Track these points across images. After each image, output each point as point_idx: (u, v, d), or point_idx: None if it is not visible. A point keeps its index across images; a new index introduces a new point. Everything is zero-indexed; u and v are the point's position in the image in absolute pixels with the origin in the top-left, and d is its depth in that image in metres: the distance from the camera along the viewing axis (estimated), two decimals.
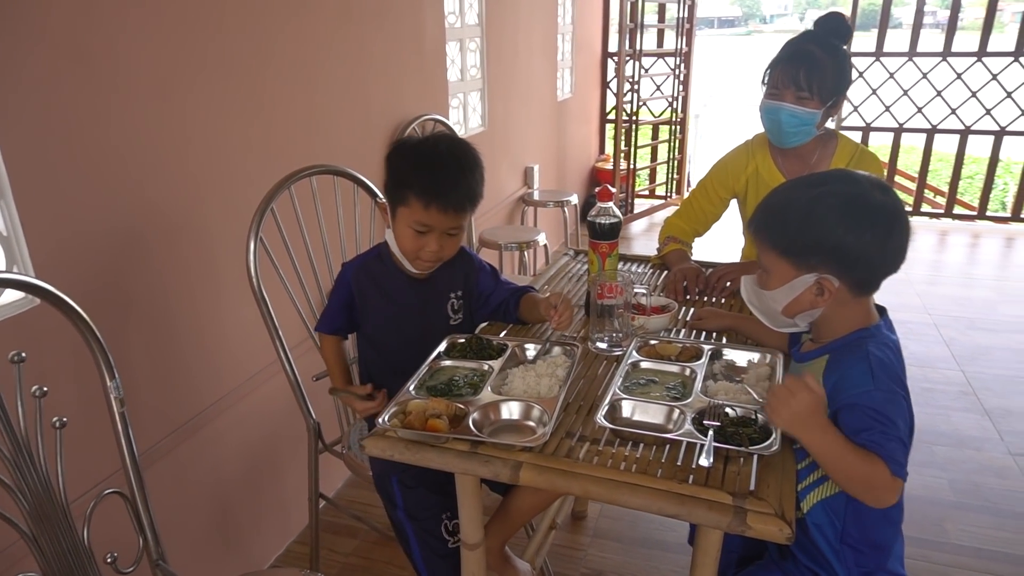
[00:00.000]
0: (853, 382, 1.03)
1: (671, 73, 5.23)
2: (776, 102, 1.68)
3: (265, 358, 1.91)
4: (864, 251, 1.02)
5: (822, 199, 1.03)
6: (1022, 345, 3.26)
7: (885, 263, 1.04)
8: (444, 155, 1.34)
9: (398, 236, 1.38)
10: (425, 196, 1.30)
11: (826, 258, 1.04)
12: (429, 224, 1.33)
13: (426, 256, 1.37)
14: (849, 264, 1.03)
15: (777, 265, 1.08)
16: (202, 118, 1.65)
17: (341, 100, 2.19)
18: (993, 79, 4.66)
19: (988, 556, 2.00)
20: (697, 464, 1.02)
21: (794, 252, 1.06)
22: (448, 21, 2.91)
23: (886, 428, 0.98)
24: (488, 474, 1.08)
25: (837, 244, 1.02)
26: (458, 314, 1.51)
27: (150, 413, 1.59)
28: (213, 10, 1.64)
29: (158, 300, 1.59)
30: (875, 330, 1.07)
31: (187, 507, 1.72)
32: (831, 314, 1.07)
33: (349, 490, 2.31)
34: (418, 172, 1.32)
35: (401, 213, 1.35)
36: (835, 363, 1.07)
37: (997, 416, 2.68)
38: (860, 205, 1.02)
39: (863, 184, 1.04)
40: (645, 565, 1.98)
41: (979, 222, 5.12)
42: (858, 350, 1.05)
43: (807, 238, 1.04)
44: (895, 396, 1.01)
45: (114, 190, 1.45)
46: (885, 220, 1.02)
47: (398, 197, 1.34)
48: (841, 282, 1.04)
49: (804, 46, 1.67)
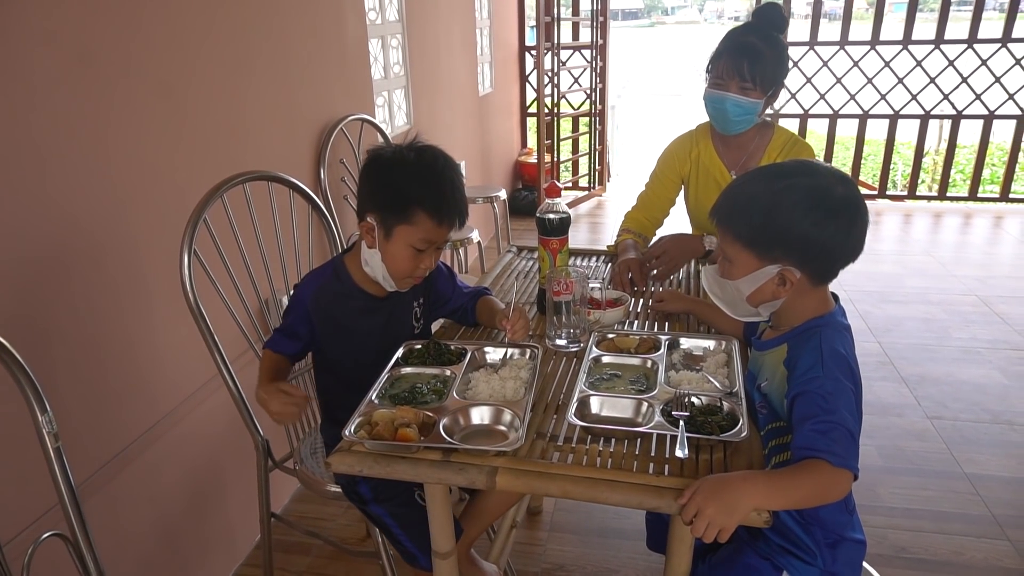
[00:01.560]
0: (803, 369, 1.06)
1: (588, 66, 5.30)
2: (721, 92, 1.74)
3: (202, 376, 1.82)
4: (827, 243, 1.05)
5: (787, 192, 1.05)
6: (927, 314, 3.49)
7: (846, 254, 1.08)
8: (444, 169, 1.31)
9: (392, 256, 1.30)
10: (438, 214, 1.26)
11: (789, 250, 1.06)
12: (435, 241, 1.29)
13: (421, 274, 1.33)
14: (812, 256, 1.06)
15: (740, 255, 1.10)
16: (123, 128, 1.54)
17: (266, 103, 2.10)
18: (918, 65, 4.95)
19: (917, 515, 2.13)
20: (672, 455, 1.04)
21: (758, 243, 1.08)
22: (369, 18, 2.84)
23: (828, 418, 0.99)
24: (463, 482, 1.06)
25: (801, 236, 1.05)
26: (420, 321, 1.49)
27: (82, 445, 1.48)
28: (129, 15, 1.54)
29: (84, 324, 1.48)
30: (830, 318, 1.11)
31: (128, 542, 1.62)
32: (790, 303, 1.10)
33: (297, 505, 2.24)
34: (427, 188, 1.27)
35: (401, 232, 1.28)
36: (793, 350, 1.10)
37: (913, 383, 2.85)
38: (824, 198, 1.05)
39: (826, 177, 1.07)
40: (604, 555, 2.00)
41: (880, 201, 5.45)
42: (812, 339, 1.08)
43: (772, 230, 1.06)
44: (840, 385, 1.03)
45: (28, 209, 1.34)
46: (848, 212, 1.05)
47: (400, 215, 1.27)
48: (802, 273, 1.07)
49: (746, 38, 1.72)
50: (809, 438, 0.99)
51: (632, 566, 1.96)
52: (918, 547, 2.00)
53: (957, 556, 1.97)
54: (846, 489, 0.99)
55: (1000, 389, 2.80)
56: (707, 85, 1.79)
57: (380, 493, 1.41)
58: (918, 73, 4.97)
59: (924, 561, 1.95)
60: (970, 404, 2.70)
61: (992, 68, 4.83)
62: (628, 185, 6.12)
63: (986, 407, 2.67)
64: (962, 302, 3.62)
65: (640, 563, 1.96)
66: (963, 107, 5.03)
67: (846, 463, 0.97)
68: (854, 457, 0.99)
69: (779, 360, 1.11)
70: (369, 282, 1.40)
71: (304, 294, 1.39)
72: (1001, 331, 3.27)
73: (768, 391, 1.15)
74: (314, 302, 1.38)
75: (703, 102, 1.81)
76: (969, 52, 4.87)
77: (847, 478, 0.97)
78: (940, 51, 4.90)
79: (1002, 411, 2.65)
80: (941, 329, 3.33)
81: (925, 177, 6.30)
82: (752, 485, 0.95)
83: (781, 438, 1.14)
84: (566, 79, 5.28)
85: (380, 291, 1.41)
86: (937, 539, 2.03)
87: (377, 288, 1.40)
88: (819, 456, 0.97)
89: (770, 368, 1.15)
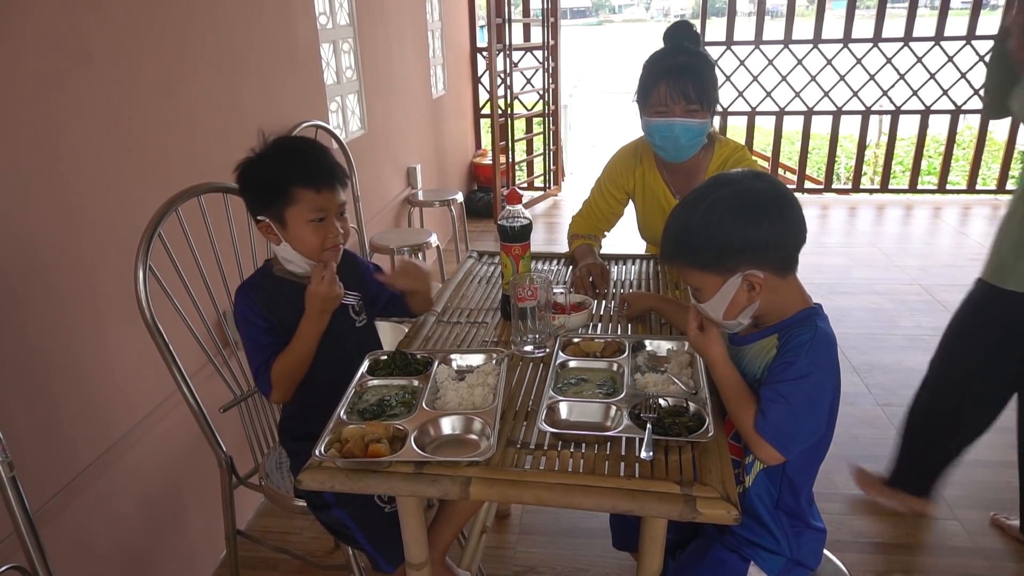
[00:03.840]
0: (793, 344, 1.11)
1: (540, 66, 5.32)
2: (666, 119, 1.68)
3: (160, 393, 1.77)
4: (768, 237, 1.09)
5: (712, 209, 1.10)
6: (874, 304, 3.61)
7: (791, 239, 1.12)
8: (302, 143, 1.39)
9: (298, 238, 1.36)
10: (312, 181, 1.32)
11: (740, 256, 1.10)
12: (325, 207, 1.34)
13: (331, 241, 1.37)
14: (762, 253, 1.10)
15: (703, 279, 1.14)
16: (69, 141, 1.49)
17: (217, 112, 2.05)
18: (858, 63, 5.11)
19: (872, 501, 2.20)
20: (639, 458, 1.06)
21: (711, 264, 1.12)
22: (320, 22, 2.80)
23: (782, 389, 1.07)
24: (437, 494, 1.05)
25: (744, 240, 1.09)
26: (360, 315, 1.53)
27: (36, 472, 1.43)
28: (69, 27, 1.49)
29: (32, 346, 1.43)
30: (819, 310, 1.16)
31: (90, 568, 1.56)
32: (771, 300, 1.13)
33: (263, 520, 2.20)
34: (293, 166, 1.33)
35: (292, 213, 1.34)
36: (786, 338, 1.13)
37: (864, 372, 2.95)
38: (746, 199, 1.10)
39: (741, 181, 1.12)
40: (573, 554, 2.02)
41: (826, 195, 5.61)
42: (808, 324, 1.12)
43: (716, 247, 1.10)
44: (814, 371, 1.08)
45: None
46: (773, 204, 1.10)
47: (282, 200, 1.33)
48: (764, 271, 1.10)
49: (677, 60, 1.68)
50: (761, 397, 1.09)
51: (601, 565, 1.99)
52: (873, 532, 2.08)
53: (910, 538, 2.05)
54: (762, 455, 1.09)
55: None
56: (645, 115, 1.73)
57: (342, 496, 1.41)
58: (858, 70, 5.14)
59: (879, 544, 2.03)
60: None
61: (927, 65, 5.03)
62: (583, 184, 6.17)
63: None
64: (906, 291, 3.76)
65: (608, 561, 1.99)
66: (901, 103, 5.22)
67: (763, 431, 1.07)
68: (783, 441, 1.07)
69: (768, 350, 1.14)
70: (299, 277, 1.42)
71: (247, 303, 1.40)
72: (944, 318, 3.32)
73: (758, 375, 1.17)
74: (260, 305, 1.40)
75: (645, 133, 1.76)
76: (905, 50, 5.05)
77: (760, 444, 1.07)
78: (878, 49, 5.07)
79: None
80: (888, 318, 3.45)
81: (867, 170, 6.52)
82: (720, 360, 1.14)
83: None
84: (519, 80, 5.29)
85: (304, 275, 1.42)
86: (891, 523, 2.11)
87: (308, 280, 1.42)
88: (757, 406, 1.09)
89: (763, 359, 1.17)
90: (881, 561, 1.97)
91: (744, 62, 5.21)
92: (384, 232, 3.30)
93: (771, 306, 1.14)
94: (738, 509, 0.98)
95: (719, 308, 1.14)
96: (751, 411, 1.10)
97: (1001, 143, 5.46)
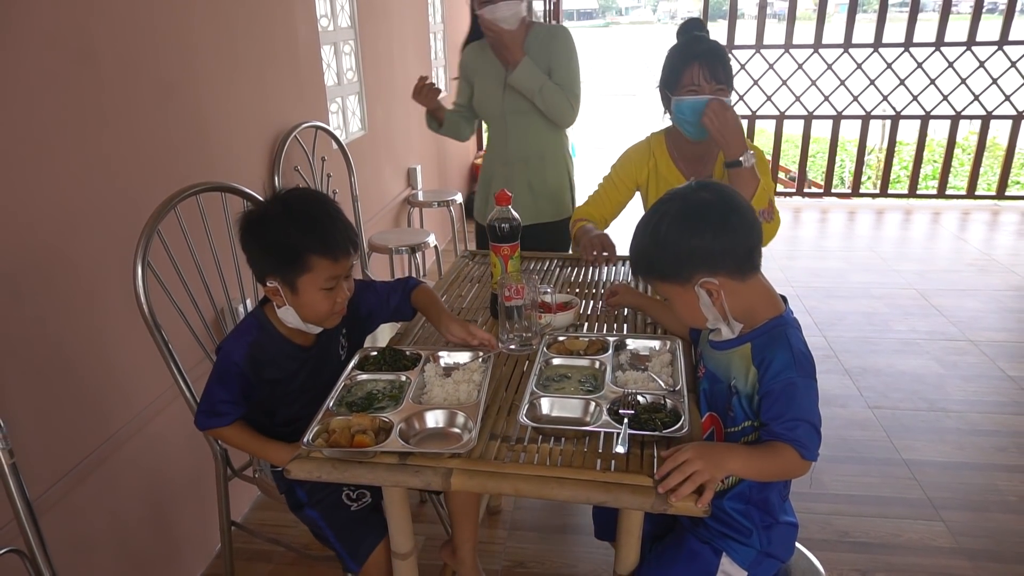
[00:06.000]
0: (777, 369, 1.13)
1: None
2: (699, 97, 1.77)
3: (157, 387, 1.81)
4: (714, 245, 1.13)
5: (661, 224, 1.15)
6: (869, 309, 3.64)
7: (739, 243, 1.14)
8: (317, 207, 1.32)
9: (307, 304, 1.31)
10: (330, 250, 1.28)
11: (693, 266, 1.14)
12: (339, 275, 1.31)
13: (340, 308, 1.35)
14: (712, 260, 1.13)
15: (669, 290, 1.20)
16: (72, 139, 1.54)
17: (218, 112, 2.10)
18: (858, 68, 5.14)
19: (859, 501, 2.23)
20: (616, 452, 1.09)
21: (670, 275, 1.17)
22: (321, 25, 2.85)
23: (797, 414, 1.09)
24: (420, 484, 1.09)
25: (691, 251, 1.13)
26: (344, 349, 1.52)
27: (36, 460, 1.47)
28: (76, 27, 1.53)
29: (34, 338, 1.47)
30: (789, 317, 1.19)
31: (87, 555, 1.61)
32: (736, 304, 1.17)
33: (258, 513, 2.24)
34: (310, 233, 1.27)
35: (306, 281, 1.29)
36: (759, 350, 1.16)
37: (856, 374, 2.98)
38: (690, 210, 1.14)
39: (688, 193, 1.17)
40: (563, 550, 2.06)
41: (826, 199, 5.64)
42: (780, 338, 1.15)
43: (669, 259, 1.16)
44: (809, 384, 1.12)
45: None
46: (716, 211, 1.14)
47: (297, 268, 1.28)
48: (719, 277, 1.14)
49: (707, 45, 1.80)
50: (780, 434, 1.10)
51: (589, 560, 2.02)
52: (859, 531, 2.10)
53: (895, 538, 2.07)
54: (804, 473, 1.11)
55: (936, 378, 2.94)
56: (676, 95, 1.80)
57: (313, 496, 1.46)
58: (859, 75, 5.16)
59: (865, 544, 2.06)
60: (909, 393, 2.83)
61: (927, 71, 5.05)
62: (583, 185, 6.19)
63: (923, 396, 2.81)
64: (902, 296, 3.78)
65: (597, 557, 2.02)
66: (901, 108, 5.25)
67: (812, 456, 1.09)
68: (817, 448, 1.11)
69: (746, 358, 1.17)
70: (293, 332, 1.40)
71: (235, 356, 1.36)
72: (938, 323, 3.43)
73: (739, 388, 1.20)
74: (249, 362, 1.37)
75: (675, 112, 1.83)
76: (906, 55, 5.07)
77: (808, 466, 1.11)
78: (879, 54, 5.10)
79: (938, 399, 2.78)
80: (882, 322, 3.47)
81: (871, 174, 6.54)
82: (734, 452, 1.10)
83: (754, 435, 1.19)
84: None
85: (306, 339, 1.42)
86: (877, 522, 2.14)
87: (303, 337, 1.42)
88: (791, 444, 1.09)
89: (737, 367, 1.20)
90: (866, 560, 2.00)
91: (745, 66, 5.24)
92: (383, 232, 3.34)
93: (738, 310, 1.17)
94: (710, 503, 1.01)
95: (689, 315, 1.20)
96: (787, 454, 1.09)
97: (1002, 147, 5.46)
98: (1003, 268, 4.15)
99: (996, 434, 2.57)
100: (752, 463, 1.10)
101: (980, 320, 3.45)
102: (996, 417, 2.67)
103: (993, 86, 5.00)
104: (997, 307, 3.61)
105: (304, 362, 1.43)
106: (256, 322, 1.40)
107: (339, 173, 2.94)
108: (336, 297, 1.32)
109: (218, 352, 1.39)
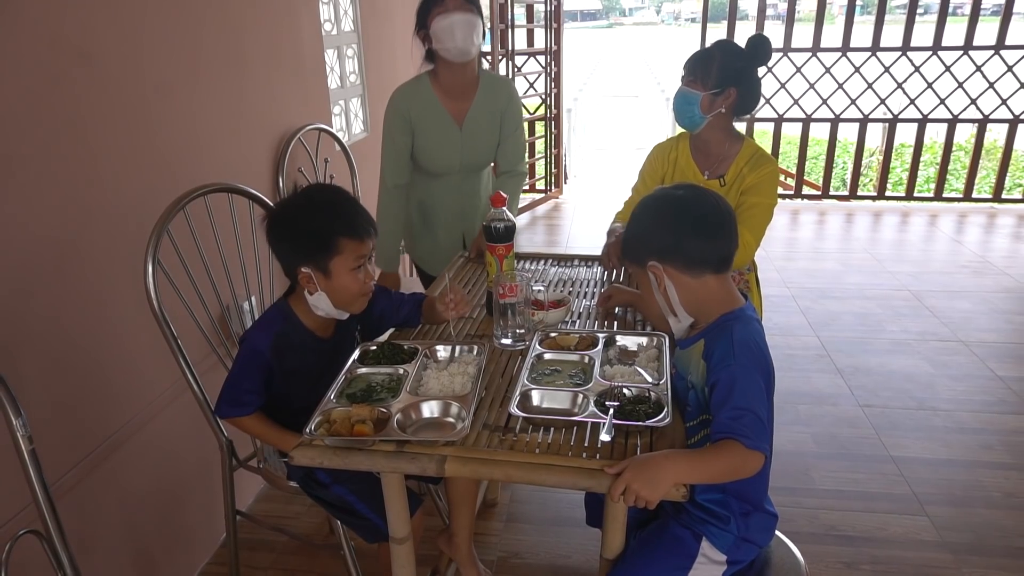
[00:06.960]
0: (718, 358, 1.19)
1: (543, 71, 5.42)
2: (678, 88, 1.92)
3: (166, 380, 1.88)
4: (667, 238, 1.22)
5: (640, 210, 1.28)
6: (863, 309, 3.69)
7: (691, 244, 1.21)
8: (336, 194, 1.46)
9: (341, 288, 1.41)
10: (356, 232, 1.40)
11: (646, 250, 1.25)
12: (364, 254, 1.42)
13: (368, 289, 1.45)
14: (663, 251, 1.23)
15: (636, 272, 1.32)
16: (85, 140, 1.60)
17: (224, 115, 2.16)
18: (856, 72, 5.20)
19: (848, 496, 2.29)
20: (601, 441, 1.16)
21: (629, 254, 1.31)
22: (325, 29, 2.91)
23: (740, 403, 1.12)
24: (415, 470, 1.16)
25: (647, 237, 1.25)
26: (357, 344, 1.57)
27: (52, 448, 1.54)
28: (81, 29, 1.60)
29: (51, 332, 1.54)
30: (739, 312, 1.24)
31: (97, 541, 1.68)
32: (692, 301, 1.24)
33: (262, 504, 2.31)
34: (338, 217, 1.40)
35: (338, 263, 1.39)
36: (709, 344, 1.23)
37: (847, 374, 3.04)
38: (662, 203, 1.26)
39: (671, 190, 1.28)
40: (558, 541, 2.12)
41: (824, 201, 5.69)
42: (725, 331, 1.21)
43: (632, 241, 1.29)
44: (748, 373, 1.16)
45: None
46: (669, 207, 1.24)
47: (327, 251, 1.38)
48: (666, 266, 1.23)
49: (704, 49, 1.91)
50: (724, 424, 1.12)
51: (583, 551, 2.08)
52: (846, 525, 2.16)
53: (880, 532, 2.13)
54: (757, 467, 1.12)
55: (927, 378, 3.00)
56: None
57: (339, 474, 1.51)
58: (858, 78, 5.22)
59: (851, 538, 2.11)
60: (899, 392, 2.89)
61: (924, 74, 5.11)
62: (586, 187, 6.28)
63: (913, 395, 2.87)
64: (895, 297, 3.84)
65: (590, 548, 2.08)
66: (899, 111, 5.30)
67: (757, 445, 1.10)
68: (765, 440, 1.12)
69: (699, 354, 1.24)
70: (316, 323, 1.49)
71: (261, 346, 1.44)
72: (929, 324, 3.49)
73: (694, 383, 1.27)
74: (274, 352, 1.44)
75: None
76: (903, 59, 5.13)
77: (758, 458, 1.11)
78: (876, 58, 5.15)
79: (927, 398, 2.84)
80: (875, 323, 3.53)
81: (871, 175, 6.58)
82: (673, 463, 1.09)
83: (707, 429, 1.25)
84: (521, 84, 5.39)
85: (326, 331, 1.52)
86: (863, 517, 2.19)
87: (323, 328, 1.51)
88: (734, 438, 1.10)
89: (693, 363, 1.27)
90: (852, 554, 2.06)
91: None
92: None
93: (692, 306, 1.25)
94: (687, 488, 1.08)
95: (651, 301, 1.29)
96: (732, 449, 1.09)
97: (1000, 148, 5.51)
98: (997, 270, 4.20)
99: (983, 432, 2.62)
100: (696, 467, 1.09)
101: (972, 321, 3.51)
102: (983, 416, 2.73)
103: (990, 90, 5.06)
104: (989, 308, 3.66)
105: (322, 353, 1.50)
106: (281, 313, 1.49)
107: (342, 174, 3.01)
108: (364, 277, 1.43)
109: (242, 343, 1.47)
